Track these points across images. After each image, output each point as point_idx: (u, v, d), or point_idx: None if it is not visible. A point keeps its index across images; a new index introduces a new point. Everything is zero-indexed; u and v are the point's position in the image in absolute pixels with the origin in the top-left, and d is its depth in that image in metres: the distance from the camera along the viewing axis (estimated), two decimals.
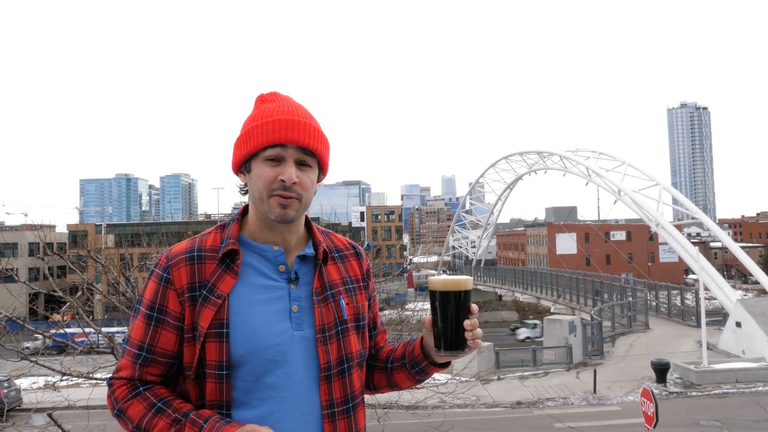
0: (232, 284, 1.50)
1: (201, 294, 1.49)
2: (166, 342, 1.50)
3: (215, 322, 1.47)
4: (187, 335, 1.49)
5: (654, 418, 10.30)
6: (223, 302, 1.48)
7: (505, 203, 72.08)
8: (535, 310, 55.85)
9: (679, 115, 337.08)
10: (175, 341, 1.50)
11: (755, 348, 24.45)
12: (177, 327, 1.50)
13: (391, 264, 22.29)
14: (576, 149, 49.19)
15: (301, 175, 1.52)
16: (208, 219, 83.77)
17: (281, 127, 1.51)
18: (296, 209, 1.52)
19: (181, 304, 1.50)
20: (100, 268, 7.83)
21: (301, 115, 1.55)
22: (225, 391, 1.46)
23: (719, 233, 33.89)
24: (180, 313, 1.50)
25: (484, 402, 20.14)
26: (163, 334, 1.50)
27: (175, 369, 1.53)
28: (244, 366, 1.46)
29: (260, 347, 1.47)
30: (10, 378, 19.75)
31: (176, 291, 1.50)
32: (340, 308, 1.59)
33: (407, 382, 1.72)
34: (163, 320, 1.50)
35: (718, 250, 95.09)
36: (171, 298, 1.50)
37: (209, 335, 1.46)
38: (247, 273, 1.53)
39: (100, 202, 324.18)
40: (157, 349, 1.50)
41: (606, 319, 32.69)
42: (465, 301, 1.52)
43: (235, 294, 1.50)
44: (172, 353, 1.50)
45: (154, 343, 1.50)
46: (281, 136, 1.50)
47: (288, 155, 1.51)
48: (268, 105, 1.57)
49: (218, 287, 1.49)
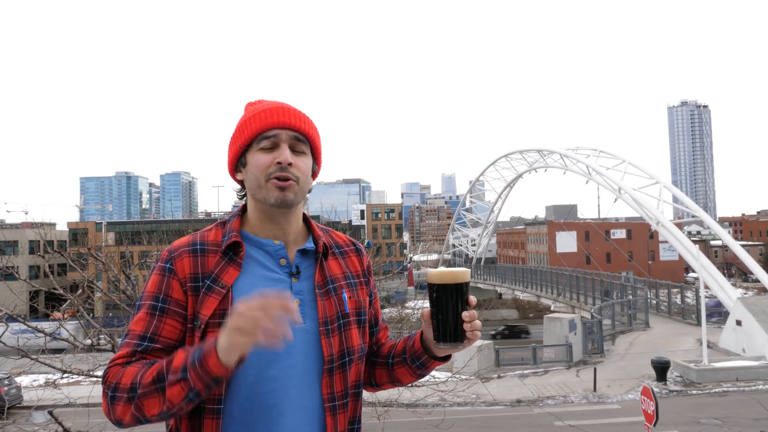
0: (236, 275, 1.51)
1: (204, 284, 1.49)
2: (171, 331, 1.48)
3: (218, 312, 1.47)
4: (188, 325, 1.49)
5: (654, 417, 10.30)
6: (227, 292, 1.48)
7: (505, 201, 72.00)
8: (535, 309, 55.87)
9: (679, 113, 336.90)
10: (180, 330, 1.49)
11: (755, 346, 24.45)
12: (182, 315, 1.49)
13: (391, 262, 22.28)
14: (576, 147, 49.14)
15: (296, 159, 1.56)
16: (208, 217, 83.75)
17: (272, 114, 1.56)
18: (294, 191, 1.55)
19: (185, 293, 1.50)
20: (101, 265, 7.84)
21: (290, 106, 1.61)
22: (224, 384, 1.45)
23: (719, 231, 33.87)
24: (184, 302, 1.49)
25: (484, 400, 20.14)
26: (167, 323, 1.48)
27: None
28: (247, 359, 1.46)
29: None
30: (11, 375, 19.75)
31: (179, 280, 1.50)
32: (342, 302, 1.60)
33: (408, 377, 1.72)
34: (168, 309, 1.49)
35: (718, 249, 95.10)
36: (175, 287, 1.50)
37: (211, 324, 1.46)
38: (250, 266, 1.54)
39: (101, 200, 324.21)
40: (160, 338, 1.47)
41: (606, 318, 32.71)
42: (463, 293, 1.52)
43: (238, 286, 1.50)
44: (175, 343, 1.48)
45: (158, 332, 1.47)
46: (273, 120, 1.55)
47: (281, 140, 1.55)
48: (256, 105, 1.64)
49: (222, 278, 1.50)
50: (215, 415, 1.45)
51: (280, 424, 1.47)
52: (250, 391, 1.46)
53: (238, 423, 1.47)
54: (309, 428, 1.50)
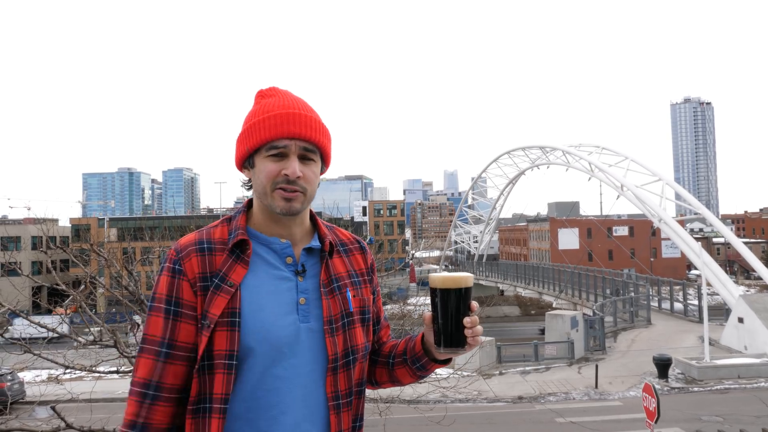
0: (244, 274, 1.50)
1: (213, 283, 1.49)
2: (187, 335, 1.48)
3: (227, 311, 1.46)
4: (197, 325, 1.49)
5: (655, 413, 10.31)
6: (236, 291, 1.48)
7: (507, 198, 71.88)
8: (537, 306, 55.86)
9: (682, 110, 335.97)
10: (195, 332, 1.49)
11: (757, 343, 24.42)
12: (194, 317, 1.49)
13: (393, 259, 22.28)
14: (579, 144, 49.02)
15: (305, 168, 1.53)
16: (210, 213, 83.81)
17: (283, 122, 1.51)
18: (301, 202, 1.53)
19: (195, 294, 1.49)
20: (103, 261, 7.84)
21: (302, 108, 1.55)
22: (233, 383, 1.45)
23: (722, 229, 33.80)
24: (194, 303, 1.49)
25: (486, 397, 20.15)
26: (182, 327, 1.48)
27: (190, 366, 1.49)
28: (253, 357, 1.46)
29: (270, 338, 1.47)
30: (14, 371, 19.81)
31: (189, 281, 1.50)
32: (347, 301, 1.59)
33: (408, 377, 1.72)
34: (181, 313, 1.49)
35: (720, 246, 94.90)
36: (185, 289, 1.50)
37: (220, 324, 1.45)
38: (257, 264, 1.53)
39: (103, 196, 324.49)
40: (178, 343, 1.48)
41: (608, 315, 32.70)
42: (465, 298, 1.51)
43: (246, 284, 1.50)
44: (193, 346, 1.48)
45: (175, 336, 1.48)
46: (283, 130, 1.50)
47: (291, 151, 1.51)
48: (268, 100, 1.57)
49: (230, 276, 1.49)
50: (221, 415, 1.45)
51: (283, 422, 1.47)
52: (255, 389, 1.47)
53: (242, 420, 1.47)
54: (312, 426, 1.50)
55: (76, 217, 73.48)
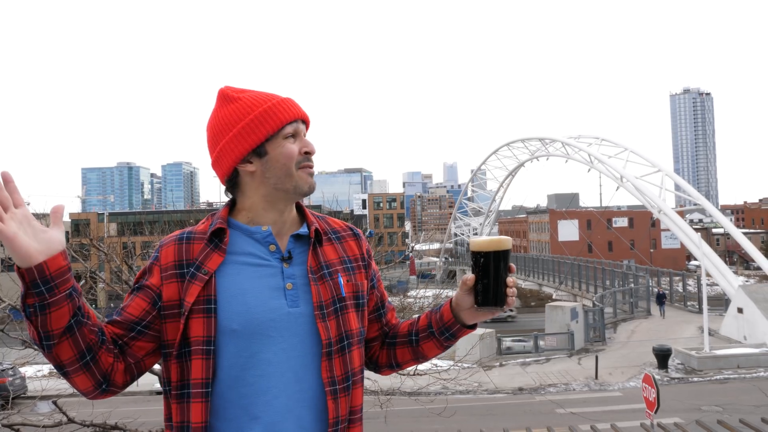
0: (219, 261, 1.52)
1: (188, 271, 1.52)
2: (135, 307, 1.52)
3: (202, 298, 1.48)
4: (172, 311, 1.51)
5: (655, 404, 10.33)
6: (210, 278, 1.50)
7: (507, 190, 71.94)
8: (537, 297, 55.97)
9: (681, 101, 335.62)
10: (143, 309, 1.51)
11: (757, 334, 24.51)
12: (150, 296, 1.53)
13: (393, 251, 22.30)
14: (578, 136, 49.01)
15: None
16: (210, 207, 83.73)
17: (288, 107, 1.60)
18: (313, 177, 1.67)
19: (162, 279, 1.53)
20: (103, 256, 7.85)
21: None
22: (212, 368, 1.47)
23: (721, 219, 33.84)
24: (157, 287, 1.53)
25: (486, 388, 20.20)
26: (135, 300, 1.53)
27: (131, 338, 1.51)
28: (238, 341, 1.48)
29: (253, 322, 1.48)
30: (15, 366, 19.86)
31: (160, 266, 1.54)
32: (338, 286, 1.60)
33: (435, 350, 1.75)
34: (141, 288, 1.54)
35: (720, 237, 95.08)
36: (154, 273, 1.54)
37: (195, 311, 1.48)
38: (236, 252, 1.56)
39: (102, 190, 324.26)
40: (123, 312, 1.52)
41: (608, 306, 32.79)
42: (507, 259, 1.59)
43: (222, 271, 1.52)
44: (135, 318, 1.51)
45: (125, 307, 1.54)
46: (293, 113, 1.60)
47: (301, 130, 1.62)
48: (250, 93, 1.61)
49: (205, 264, 1.52)
50: (203, 399, 1.47)
51: (275, 406, 1.48)
52: (242, 373, 1.48)
53: (234, 406, 1.48)
54: (308, 411, 1.51)
55: (76, 212, 73.50)
